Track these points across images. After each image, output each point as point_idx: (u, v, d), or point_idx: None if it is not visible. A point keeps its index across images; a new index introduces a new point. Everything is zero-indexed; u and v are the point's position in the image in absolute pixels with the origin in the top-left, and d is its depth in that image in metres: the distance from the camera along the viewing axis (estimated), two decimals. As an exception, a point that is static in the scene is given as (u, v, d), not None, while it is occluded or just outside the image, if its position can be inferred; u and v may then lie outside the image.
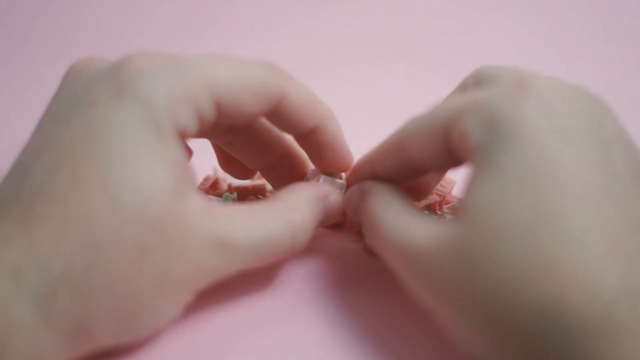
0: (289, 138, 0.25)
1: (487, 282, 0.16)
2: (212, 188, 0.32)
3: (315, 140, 0.24)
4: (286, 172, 0.26)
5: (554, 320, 0.15)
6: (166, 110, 0.18)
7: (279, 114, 0.22)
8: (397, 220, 0.20)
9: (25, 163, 0.19)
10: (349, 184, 0.25)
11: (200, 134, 0.21)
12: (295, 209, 0.22)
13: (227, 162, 0.27)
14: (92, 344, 0.18)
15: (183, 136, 0.20)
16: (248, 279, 0.23)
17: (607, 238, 0.15)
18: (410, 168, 0.21)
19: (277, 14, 0.60)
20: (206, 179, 0.32)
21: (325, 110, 0.23)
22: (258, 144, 0.25)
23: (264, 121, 0.24)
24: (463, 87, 0.22)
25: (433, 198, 0.29)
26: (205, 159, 0.28)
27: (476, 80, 0.21)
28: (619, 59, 0.53)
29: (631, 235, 0.16)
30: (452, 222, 0.18)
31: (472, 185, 0.17)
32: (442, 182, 0.30)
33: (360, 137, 0.24)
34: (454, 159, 0.19)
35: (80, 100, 0.19)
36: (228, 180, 0.32)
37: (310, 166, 0.26)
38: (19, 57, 0.57)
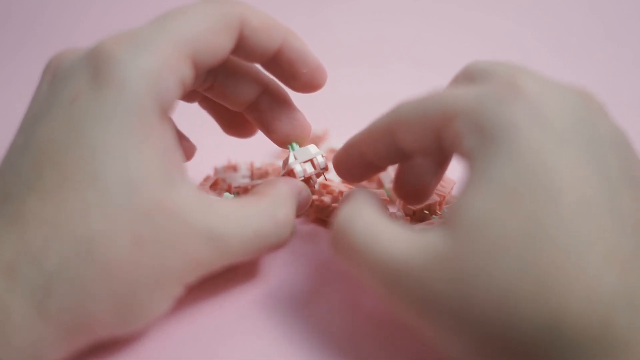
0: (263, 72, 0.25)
1: (484, 299, 0.16)
2: (212, 188, 0.32)
3: (284, 59, 0.23)
4: (270, 109, 0.26)
5: (554, 333, 0.15)
6: (147, 91, 0.18)
7: (242, 41, 0.22)
8: (370, 229, 0.19)
9: (11, 162, 0.19)
10: (337, 166, 0.25)
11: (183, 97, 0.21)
12: (279, 205, 0.22)
13: (229, 125, 0.28)
14: (88, 337, 0.18)
15: (169, 109, 0.20)
16: (230, 274, 0.23)
17: (603, 247, 0.15)
18: (400, 152, 0.21)
19: (277, 14, 0.60)
20: (206, 179, 0.32)
21: (286, 28, 0.23)
22: (236, 79, 0.25)
23: (234, 58, 0.24)
24: (455, 84, 0.21)
25: (433, 198, 0.29)
26: (205, 159, 0.28)
27: (467, 76, 0.20)
28: (619, 59, 0.53)
29: (625, 240, 0.16)
30: (439, 234, 0.17)
31: (464, 195, 0.17)
32: (442, 182, 0.30)
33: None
34: (445, 151, 0.19)
35: (59, 96, 0.19)
36: (228, 180, 0.32)
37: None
38: (19, 57, 0.57)
